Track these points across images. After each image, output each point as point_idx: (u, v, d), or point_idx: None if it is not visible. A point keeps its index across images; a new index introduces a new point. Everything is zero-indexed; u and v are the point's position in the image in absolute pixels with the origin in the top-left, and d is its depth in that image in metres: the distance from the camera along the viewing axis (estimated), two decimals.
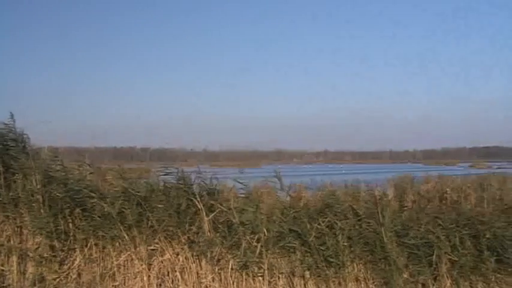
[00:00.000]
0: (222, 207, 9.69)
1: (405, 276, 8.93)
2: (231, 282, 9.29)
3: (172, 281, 9.47)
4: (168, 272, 9.54)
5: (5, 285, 9.64)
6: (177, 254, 9.64)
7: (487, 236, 8.71)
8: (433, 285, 8.82)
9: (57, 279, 9.64)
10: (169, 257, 9.63)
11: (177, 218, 9.72)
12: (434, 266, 8.83)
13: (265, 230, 9.33)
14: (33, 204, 9.96)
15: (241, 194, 10.35)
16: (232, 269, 9.32)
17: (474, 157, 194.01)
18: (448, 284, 8.76)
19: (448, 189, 13.96)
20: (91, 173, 10.69)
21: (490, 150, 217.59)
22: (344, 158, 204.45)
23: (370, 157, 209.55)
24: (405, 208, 10.01)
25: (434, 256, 8.79)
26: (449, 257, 8.78)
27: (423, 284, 8.90)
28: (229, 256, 9.37)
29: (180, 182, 10.11)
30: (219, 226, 9.66)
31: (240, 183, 10.23)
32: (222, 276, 9.35)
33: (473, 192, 12.87)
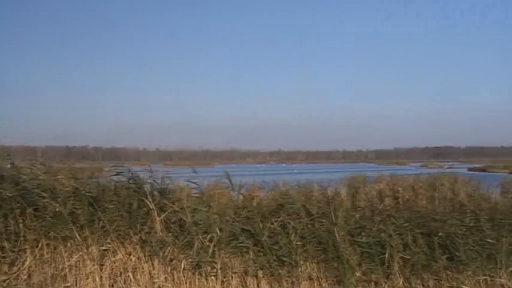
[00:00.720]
0: (174, 207, 9.61)
1: (358, 274, 8.97)
2: (184, 282, 9.21)
3: (125, 281, 9.35)
4: (121, 273, 9.41)
5: None
6: (129, 254, 9.53)
7: (439, 235, 8.79)
8: (386, 283, 8.87)
9: (7, 281, 9.42)
10: (122, 257, 9.51)
11: (128, 218, 9.60)
12: (386, 264, 8.88)
13: (217, 230, 9.28)
14: None
15: (194, 193, 10.29)
16: (185, 269, 9.25)
17: (426, 157, 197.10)
18: (400, 283, 8.82)
19: (400, 189, 14.09)
20: (44, 173, 10.49)
21: (441, 150, 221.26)
22: (297, 157, 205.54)
23: (323, 157, 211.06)
24: (358, 207, 10.05)
25: (386, 255, 8.84)
26: (402, 255, 8.84)
27: (376, 283, 8.94)
28: (182, 256, 9.29)
29: (131, 181, 10.00)
30: (172, 226, 9.58)
31: (194, 182, 10.16)
32: (175, 276, 9.27)
33: (425, 192, 13.01)
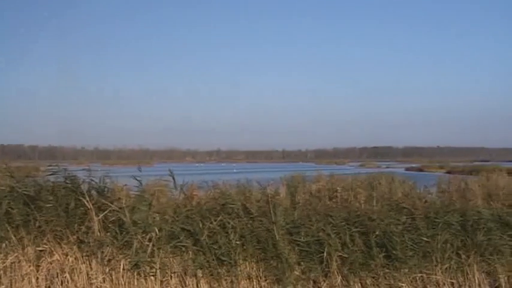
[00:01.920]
0: (113, 206, 9.51)
1: (297, 273, 9.02)
2: (123, 282, 9.12)
3: (62, 282, 9.20)
4: (57, 274, 9.26)
5: None
6: (67, 255, 9.38)
7: (376, 233, 8.90)
8: (324, 281, 8.94)
9: None
10: (58, 258, 9.36)
11: (65, 218, 9.46)
12: (325, 263, 8.96)
13: (157, 230, 9.22)
14: None
15: (134, 192, 10.20)
16: (123, 269, 9.16)
17: (364, 157, 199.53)
18: (339, 281, 8.91)
19: (338, 188, 14.21)
20: None
21: (379, 150, 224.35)
22: (237, 157, 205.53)
23: (262, 156, 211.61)
24: (297, 206, 10.10)
25: (325, 253, 8.91)
26: (340, 254, 8.93)
27: (314, 281, 9.01)
28: (121, 256, 9.20)
29: (68, 181, 9.85)
30: (110, 225, 9.47)
31: (138, 180, 10.07)
32: (113, 277, 9.17)
33: (363, 191, 13.15)
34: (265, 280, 9.13)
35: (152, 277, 9.13)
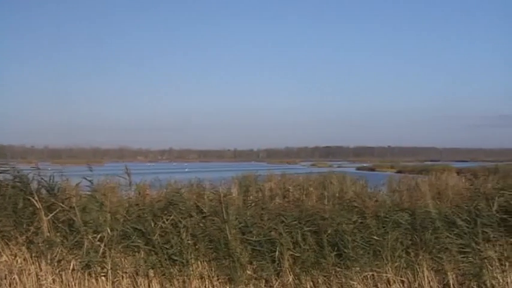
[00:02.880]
0: (64, 206, 9.40)
1: (249, 272, 9.04)
2: (73, 283, 9.03)
3: (10, 284, 9.07)
4: (6, 275, 9.12)
5: None
6: (15, 256, 9.26)
7: (328, 232, 8.96)
8: (276, 280, 8.97)
9: None
10: (7, 259, 9.23)
11: (14, 217, 9.33)
12: (277, 262, 8.98)
13: (108, 229, 9.15)
14: None
15: (85, 192, 10.10)
16: (74, 269, 9.07)
17: (316, 156, 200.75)
18: (291, 279, 8.94)
19: (290, 188, 14.24)
20: None
21: (331, 149, 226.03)
22: (188, 156, 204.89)
23: (214, 156, 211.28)
24: (249, 206, 10.12)
25: (277, 252, 8.93)
26: (292, 253, 8.96)
27: (266, 280, 9.03)
28: (71, 256, 9.11)
29: (16, 180, 9.71)
30: (60, 225, 9.37)
31: (89, 180, 9.97)
32: (63, 278, 9.07)
33: (315, 190, 13.20)
34: (217, 279, 9.12)
35: (103, 277, 9.06)
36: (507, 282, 8.33)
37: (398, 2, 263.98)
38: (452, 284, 8.61)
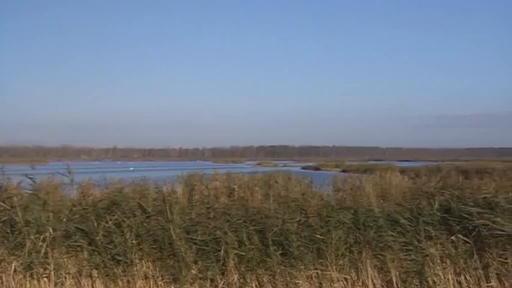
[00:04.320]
0: (4, 205, 9.24)
1: (194, 272, 9.01)
2: (14, 285, 8.88)
3: None
4: None
5: None
6: None
7: (273, 231, 8.99)
8: (221, 280, 8.97)
9: None
10: None
11: None
12: (222, 261, 8.97)
13: (51, 229, 9.02)
14: None
15: (27, 191, 9.94)
16: (15, 271, 8.92)
17: (261, 155, 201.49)
18: (236, 278, 8.95)
19: (235, 187, 14.24)
20: None
21: (276, 149, 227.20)
22: (133, 155, 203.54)
23: (159, 155, 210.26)
24: (194, 205, 10.08)
25: (222, 251, 8.93)
26: (237, 252, 8.97)
27: (212, 280, 9.02)
28: (12, 257, 8.96)
29: None
30: (0, 226, 9.20)
31: (31, 178, 9.81)
32: (4, 279, 8.92)
33: (260, 189, 13.22)
34: (162, 279, 9.08)
35: (46, 278, 8.94)
36: (448, 279, 8.48)
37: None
38: (395, 282, 8.73)
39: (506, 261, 8.12)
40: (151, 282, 9.09)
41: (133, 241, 9.12)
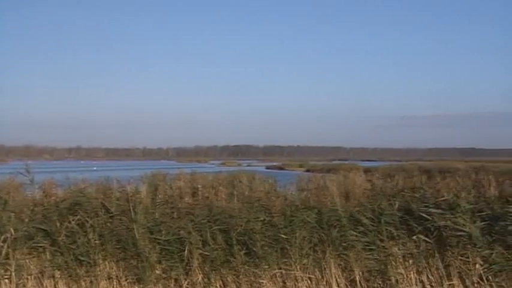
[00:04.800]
0: None
1: (158, 272, 8.98)
2: None
3: None
4: None
5: None
6: None
7: (237, 231, 8.99)
8: (186, 280, 8.95)
9: None
10: None
11: None
12: (186, 261, 8.96)
13: (12, 230, 8.91)
14: None
15: None
16: None
17: (225, 155, 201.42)
18: (200, 279, 8.93)
19: (199, 186, 14.23)
20: None
21: (240, 148, 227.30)
22: (97, 154, 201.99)
23: (123, 154, 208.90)
24: (158, 205, 10.04)
25: (186, 251, 8.91)
26: (201, 251, 8.96)
27: (176, 280, 8.99)
28: None
29: None
30: None
31: None
32: None
33: (224, 189, 13.23)
34: (126, 280, 9.03)
35: (7, 280, 8.84)
36: (410, 278, 8.56)
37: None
38: (359, 281, 8.79)
39: (467, 260, 8.22)
40: (115, 283, 9.04)
41: (97, 241, 9.07)
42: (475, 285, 8.09)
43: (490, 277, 7.97)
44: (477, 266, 8.14)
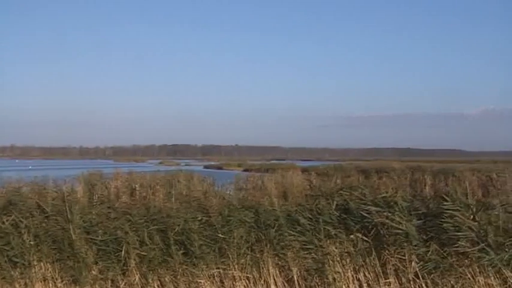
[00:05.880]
0: None
1: (94, 273, 8.89)
2: None
3: None
4: None
5: None
6: None
7: (175, 230, 8.95)
8: (123, 280, 8.88)
9: None
10: None
11: None
12: (123, 261, 8.89)
13: None
14: None
15: None
16: None
17: (163, 154, 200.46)
18: (137, 279, 8.87)
19: (137, 186, 14.15)
20: None
21: (178, 148, 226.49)
22: (32, 153, 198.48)
23: (59, 153, 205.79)
24: (94, 205, 9.94)
25: (123, 252, 8.85)
26: (138, 252, 8.89)
27: (112, 280, 8.92)
28: None
29: None
30: None
31: None
32: None
33: (162, 189, 13.18)
34: (62, 281, 8.92)
35: None
36: (348, 276, 8.65)
37: None
38: (297, 280, 8.84)
39: (403, 257, 8.35)
40: (51, 284, 8.92)
41: (32, 242, 8.93)
42: (411, 282, 8.22)
43: (425, 274, 8.11)
44: (413, 263, 8.27)
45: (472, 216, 7.89)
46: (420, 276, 8.15)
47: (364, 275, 8.67)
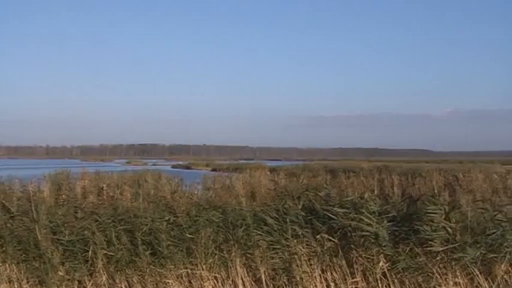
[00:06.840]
0: None
1: (61, 273, 8.84)
2: None
3: None
4: None
5: None
6: None
7: (142, 231, 8.93)
8: (90, 281, 8.84)
9: None
10: None
11: None
12: (90, 262, 8.85)
13: None
14: None
15: None
16: None
17: (131, 154, 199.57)
18: (104, 279, 8.84)
19: (104, 186, 14.07)
20: None
21: (146, 147, 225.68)
22: None
23: (25, 152, 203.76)
24: (61, 205, 9.88)
25: (90, 252, 8.81)
26: (106, 252, 8.86)
27: (79, 281, 8.87)
28: None
29: None
30: None
31: None
32: None
33: (130, 188, 13.13)
34: (28, 282, 8.86)
35: None
36: (315, 276, 8.70)
37: None
38: (264, 279, 8.87)
39: (371, 257, 8.41)
40: (16, 286, 8.86)
41: None
42: (378, 282, 8.29)
43: (392, 274, 8.18)
44: (381, 263, 8.34)
45: (444, 216, 7.98)
46: (388, 276, 8.23)
47: (332, 275, 8.72)
